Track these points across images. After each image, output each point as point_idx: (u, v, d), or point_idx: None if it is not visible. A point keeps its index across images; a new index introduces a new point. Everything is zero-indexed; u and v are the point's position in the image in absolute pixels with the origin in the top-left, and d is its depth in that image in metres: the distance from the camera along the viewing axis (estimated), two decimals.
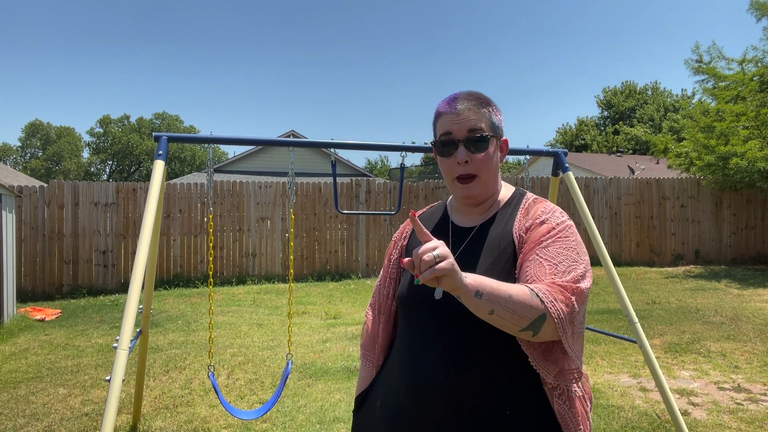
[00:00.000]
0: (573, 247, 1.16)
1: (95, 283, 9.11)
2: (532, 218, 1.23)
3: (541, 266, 1.12)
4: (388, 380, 1.31)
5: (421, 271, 0.94)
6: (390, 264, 1.43)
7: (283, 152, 20.05)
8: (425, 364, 1.19)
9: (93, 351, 5.34)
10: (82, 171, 52.58)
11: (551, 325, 1.04)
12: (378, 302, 1.43)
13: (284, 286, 9.60)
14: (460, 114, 1.24)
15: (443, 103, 1.29)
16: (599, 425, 3.44)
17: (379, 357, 1.40)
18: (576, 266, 1.12)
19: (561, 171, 3.34)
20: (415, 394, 1.18)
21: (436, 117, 1.30)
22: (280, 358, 5.00)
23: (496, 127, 1.28)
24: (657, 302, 7.46)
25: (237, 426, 3.47)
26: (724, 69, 12.11)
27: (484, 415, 1.13)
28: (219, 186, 9.88)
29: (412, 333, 1.26)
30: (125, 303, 2.18)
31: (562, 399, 1.15)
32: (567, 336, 1.07)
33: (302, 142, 3.24)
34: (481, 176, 1.25)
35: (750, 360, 4.75)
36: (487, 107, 1.28)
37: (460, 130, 1.24)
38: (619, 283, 2.94)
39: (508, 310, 1.01)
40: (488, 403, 1.13)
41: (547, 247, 1.15)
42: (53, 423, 3.54)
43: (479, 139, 1.23)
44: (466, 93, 1.29)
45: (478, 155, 1.24)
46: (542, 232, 1.18)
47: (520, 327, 1.03)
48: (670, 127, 32.25)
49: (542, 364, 1.12)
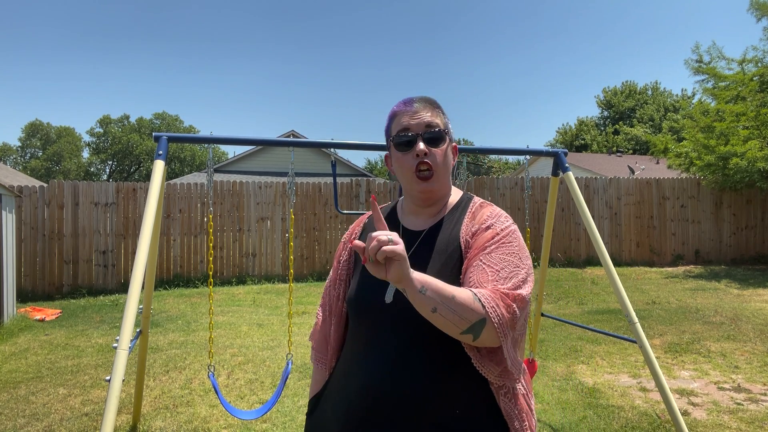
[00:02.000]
0: (515, 252, 1.19)
1: (95, 283, 9.11)
2: (479, 223, 1.26)
3: (484, 272, 1.15)
4: (340, 384, 1.32)
5: (372, 252, 0.97)
6: (340, 265, 1.43)
7: (283, 152, 20.05)
8: (376, 368, 1.20)
9: (93, 351, 5.34)
10: (82, 171, 52.58)
11: (491, 330, 1.07)
12: (328, 304, 1.44)
13: (284, 286, 9.60)
14: (417, 111, 1.28)
15: (399, 104, 1.33)
16: (599, 425, 3.44)
17: (332, 359, 1.42)
18: (518, 272, 1.15)
19: (561, 171, 3.34)
20: (367, 398, 1.19)
21: (391, 118, 1.33)
22: (280, 358, 5.00)
23: (448, 128, 1.33)
24: (657, 302, 7.46)
25: (237, 426, 3.47)
26: (724, 69, 12.11)
27: (436, 416, 1.15)
28: (219, 186, 9.88)
29: (363, 337, 1.27)
30: (125, 303, 2.18)
31: (507, 397, 1.19)
32: (507, 341, 1.11)
33: (302, 142, 3.24)
34: (438, 171, 1.27)
35: (750, 360, 4.75)
36: (440, 109, 1.33)
37: (419, 125, 1.27)
38: (619, 283, 2.94)
39: (450, 309, 1.04)
40: (439, 404, 1.16)
41: (491, 253, 1.18)
42: (53, 423, 3.54)
43: (436, 134, 1.27)
44: (420, 96, 1.33)
45: (436, 150, 1.27)
46: (487, 237, 1.21)
47: (461, 329, 1.06)
48: (670, 127, 32.24)
49: (485, 365, 1.15)
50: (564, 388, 4.13)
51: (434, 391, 1.16)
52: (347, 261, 1.42)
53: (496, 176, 18.90)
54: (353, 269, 1.40)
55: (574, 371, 4.55)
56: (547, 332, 5.83)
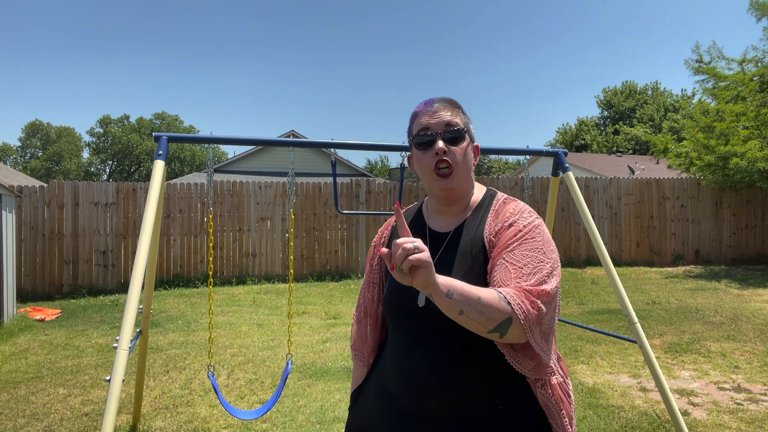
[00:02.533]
0: (539, 247, 1.19)
1: (95, 283, 9.11)
2: (501, 221, 1.27)
3: (507, 270, 1.16)
4: (381, 380, 1.35)
5: (398, 261, 0.97)
6: (372, 269, 1.46)
7: (283, 152, 20.05)
8: (420, 369, 1.23)
9: (93, 351, 5.34)
10: (82, 171, 52.58)
11: (518, 328, 1.09)
12: (363, 305, 1.48)
13: (284, 286, 9.59)
14: (437, 111, 1.31)
15: (420, 105, 1.36)
16: (599, 425, 3.44)
17: (370, 357, 1.46)
18: (542, 267, 1.16)
19: (561, 171, 3.34)
20: (413, 398, 1.23)
21: (413, 118, 1.37)
22: (280, 358, 5.00)
23: (469, 128, 1.35)
24: (657, 302, 7.46)
25: (237, 426, 3.47)
26: (724, 69, 12.10)
27: (480, 412, 1.19)
28: (219, 186, 9.87)
29: (402, 338, 1.30)
30: (125, 303, 2.18)
31: (544, 389, 1.22)
32: (534, 336, 1.12)
33: (302, 142, 3.24)
34: (457, 169, 1.28)
35: (750, 360, 4.75)
36: (460, 109, 1.35)
37: (438, 124, 1.30)
38: (619, 283, 2.94)
39: (476, 311, 1.05)
40: (482, 400, 1.19)
41: (513, 251, 1.19)
42: (53, 423, 3.54)
43: (456, 132, 1.29)
44: (441, 97, 1.36)
45: (456, 148, 1.29)
46: (509, 235, 1.22)
47: (488, 328, 1.08)
48: (670, 127, 32.23)
49: (519, 360, 1.18)
50: None
51: (473, 387, 1.19)
52: (379, 264, 1.46)
53: (496, 176, 18.90)
54: (385, 272, 1.43)
55: (574, 371, 4.55)
56: None
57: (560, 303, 1.27)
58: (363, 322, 1.47)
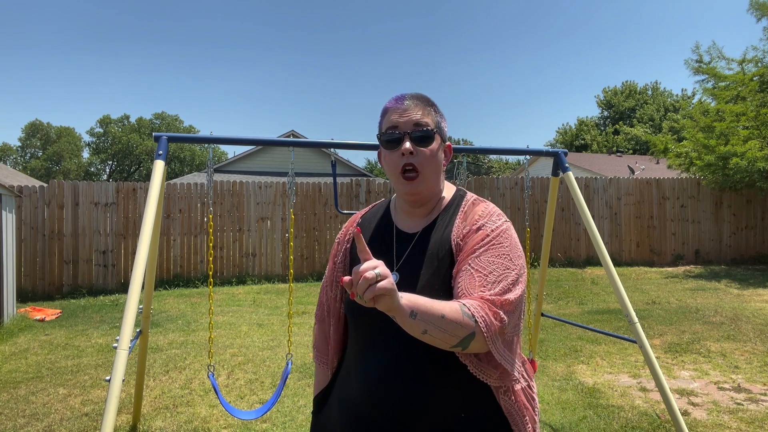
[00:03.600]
0: (506, 254, 1.17)
1: (95, 283, 9.10)
2: (470, 223, 1.23)
3: (472, 278, 1.13)
4: (344, 385, 1.32)
5: (360, 291, 0.91)
6: (335, 266, 1.40)
7: (283, 152, 20.05)
8: (381, 373, 1.20)
9: (93, 351, 5.34)
10: (82, 171, 52.57)
11: (480, 341, 1.07)
12: (326, 304, 1.42)
13: (284, 286, 9.59)
14: (407, 109, 1.26)
15: (391, 100, 1.30)
16: (599, 425, 3.44)
17: (333, 359, 1.41)
18: (507, 274, 1.14)
19: (561, 171, 3.34)
20: (374, 402, 1.19)
21: (382, 114, 1.31)
22: (280, 358, 5.00)
23: (440, 127, 1.30)
24: (657, 302, 7.46)
25: (237, 426, 3.47)
26: (724, 69, 12.10)
27: (441, 419, 1.16)
28: (219, 186, 9.87)
29: (364, 340, 1.27)
30: (125, 303, 2.18)
31: (507, 395, 1.19)
32: (497, 347, 1.10)
33: (302, 142, 3.24)
34: (424, 172, 1.24)
35: (750, 360, 4.75)
36: (432, 107, 1.30)
37: (407, 123, 1.25)
38: (619, 283, 2.94)
39: (440, 329, 1.02)
40: (440, 407, 1.16)
41: (480, 257, 1.16)
42: (53, 423, 3.54)
43: (425, 134, 1.24)
44: (413, 93, 1.31)
45: (423, 149, 1.24)
46: (476, 240, 1.19)
47: (451, 344, 1.06)
48: (670, 127, 32.23)
49: (483, 370, 1.16)
50: (564, 388, 4.13)
51: (435, 394, 1.16)
52: (342, 262, 1.39)
53: (496, 176, 18.90)
54: (349, 269, 1.37)
55: (574, 371, 4.55)
56: (547, 332, 5.83)
57: (559, 303, 1.26)
58: (326, 322, 1.41)
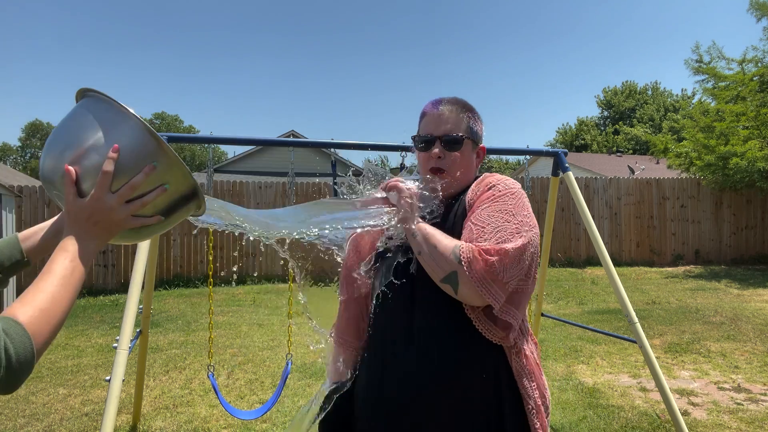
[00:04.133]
0: (508, 209, 1.20)
1: (95, 283, 9.10)
2: (483, 185, 1.30)
3: (470, 231, 1.19)
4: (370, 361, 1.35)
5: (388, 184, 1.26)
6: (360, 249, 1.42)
7: (283, 152, 20.03)
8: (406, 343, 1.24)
9: (93, 351, 5.34)
10: None
11: (468, 284, 1.12)
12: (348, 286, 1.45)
13: (284, 286, 9.59)
14: (441, 114, 1.34)
15: (428, 104, 1.38)
16: (599, 425, 3.44)
17: (355, 341, 1.44)
18: (505, 226, 1.17)
19: (561, 171, 3.34)
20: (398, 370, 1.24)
21: (421, 116, 1.40)
22: (280, 358, 4.99)
23: (473, 132, 1.37)
24: (657, 302, 7.46)
25: (237, 426, 3.47)
26: (724, 69, 12.09)
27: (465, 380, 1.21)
28: (219, 186, 9.87)
29: (389, 313, 1.31)
30: (125, 303, 2.18)
31: (519, 357, 1.24)
32: (491, 295, 1.13)
33: (302, 142, 3.24)
34: (451, 173, 1.32)
35: (750, 360, 4.75)
36: (468, 113, 1.36)
37: (438, 130, 1.33)
38: (619, 283, 2.94)
39: (429, 256, 1.17)
40: (466, 366, 1.21)
41: (481, 212, 1.22)
42: (53, 423, 3.54)
43: (454, 140, 1.32)
44: (450, 97, 1.38)
45: (452, 154, 1.32)
46: (483, 198, 1.26)
47: (439, 277, 1.17)
48: (670, 127, 32.22)
49: (486, 327, 1.20)
50: (564, 388, 4.12)
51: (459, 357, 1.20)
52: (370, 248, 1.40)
53: None
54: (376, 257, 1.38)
55: (574, 371, 4.55)
56: (547, 332, 5.83)
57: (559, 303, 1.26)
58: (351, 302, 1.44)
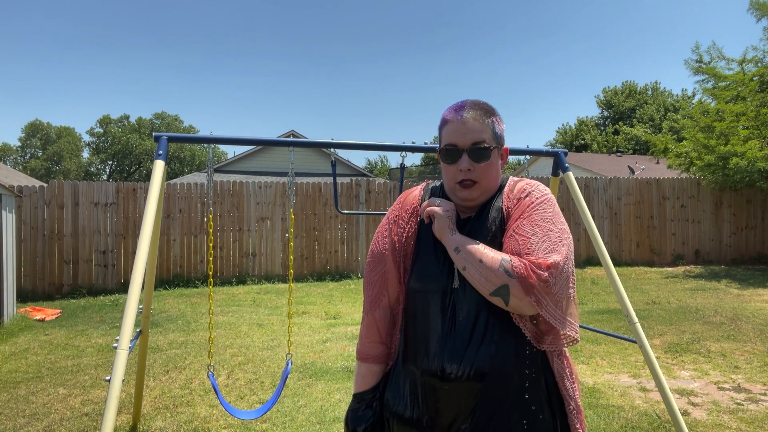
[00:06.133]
0: (548, 218, 1.24)
1: (95, 283, 9.11)
2: (518, 192, 1.31)
3: (516, 241, 1.21)
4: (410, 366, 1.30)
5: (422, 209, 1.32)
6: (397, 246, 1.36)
7: (283, 152, 20.04)
8: (453, 347, 1.22)
9: (93, 351, 5.34)
10: (82, 171, 52.55)
11: (518, 296, 1.15)
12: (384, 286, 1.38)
13: (284, 286, 9.60)
14: (466, 123, 1.29)
15: (450, 111, 1.33)
16: (599, 425, 3.44)
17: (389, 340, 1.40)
18: (549, 236, 1.20)
19: (561, 171, 3.34)
20: (449, 375, 1.22)
21: (442, 123, 1.35)
22: (280, 358, 5.00)
23: (498, 137, 1.34)
24: (657, 302, 7.46)
25: (237, 426, 3.47)
26: (724, 69, 12.10)
27: (513, 383, 1.21)
28: (219, 186, 9.88)
29: (432, 318, 1.27)
30: (125, 303, 2.18)
31: (560, 359, 1.27)
32: (545, 306, 1.16)
33: (302, 142, 3.24)
34: (481, 183, 1.31)
35: (750, 360, 4.75)
36: (492, 117, 1.33)
37: (465, 141, 1.29)
38: (619, 283, 2.94)
39: (476, 270, 1.18)
40: (514, 371, 1.21)
41: (523, 221, 1.24)
42: (53, 423, 3.54)
43: (482, 150, 1.29)
44: (472, 102, 1.33)
45: (481, 164, 1.30)
46: (523, 206, 1.27)
47: (488, 290, 1.18)
48: (670, 127, 32.23)
49: (534, 335, 1.22)
50: None
51: (510, 361, 1.21)
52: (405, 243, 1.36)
53: None
54: (413, 251, 1.35)
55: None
56: None
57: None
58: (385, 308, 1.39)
